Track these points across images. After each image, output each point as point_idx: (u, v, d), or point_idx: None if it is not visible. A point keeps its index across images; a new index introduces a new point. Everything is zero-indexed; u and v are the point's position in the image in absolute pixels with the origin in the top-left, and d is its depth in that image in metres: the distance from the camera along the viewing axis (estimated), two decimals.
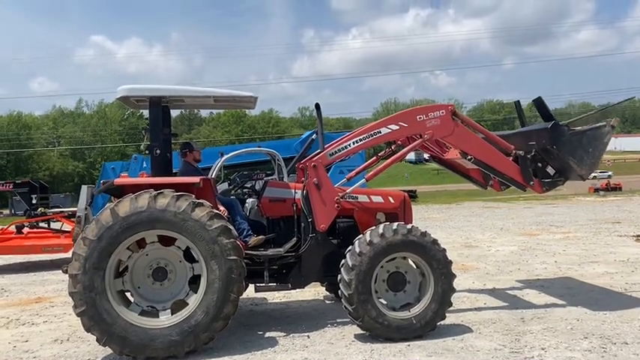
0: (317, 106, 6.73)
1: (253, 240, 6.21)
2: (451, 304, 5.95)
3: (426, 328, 5.79)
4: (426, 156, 8.30)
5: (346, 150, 6.45)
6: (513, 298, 7.65)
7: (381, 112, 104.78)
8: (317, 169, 6.27)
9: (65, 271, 5.44)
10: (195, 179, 5.82)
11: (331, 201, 6.25)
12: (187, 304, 5.53)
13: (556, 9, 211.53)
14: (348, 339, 5.89)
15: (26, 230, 12.71)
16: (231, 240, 5.46)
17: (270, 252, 6.22)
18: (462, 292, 7.82)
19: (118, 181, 6.01)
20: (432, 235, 5.96)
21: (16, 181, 15.66)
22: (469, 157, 6.65)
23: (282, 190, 6.68)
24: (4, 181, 15.79)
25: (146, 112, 6.33)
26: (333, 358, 5.31)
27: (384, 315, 5.71)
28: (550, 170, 6.84)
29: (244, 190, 7.57)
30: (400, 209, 6.80)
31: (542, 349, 5.35)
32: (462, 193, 43.25)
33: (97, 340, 5.33)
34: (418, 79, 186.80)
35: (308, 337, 6.02)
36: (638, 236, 13.66)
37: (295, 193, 6.51)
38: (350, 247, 5.88)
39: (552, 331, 5.92)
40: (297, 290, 6.95)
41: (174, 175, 6.51)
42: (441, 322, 5.94)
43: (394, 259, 5.89)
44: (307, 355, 5.44)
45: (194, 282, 5.62)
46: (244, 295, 6.39)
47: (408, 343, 5.64)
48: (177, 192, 5.47)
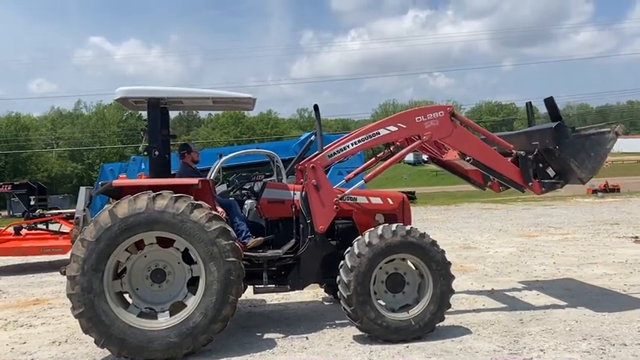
0: (315, 107, 6.73)
1: (252, 241, 6.20)
2: (450, 306, 5.95)
3: (425, 330, 5.79)
4: (424, 157, 8.30)
5: (345, 151, 6.45)
6: (512, 299, 7.65)
7: (379, 113, 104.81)
8: (316, 170, 6.27)
9: (63, 273, 5.43)
10: (194, 181, 5.82)
11: (330, 202, 6.25)
12: (186, 306, 5.52)
13: (554, 11, 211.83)
14: (347, 340, 5.88)
15: (24, 232, 12.69)
16: (230, 241, 5.45)
17: (269, 253, 6.22)
18: (460, 294, 7.82)
19: (117, 182, 6.01)
20: (430, 236, 5.96)
21: (15, 183, 15.64)
22: (468, 158, 6.66)
23: (281, 191, 6.67)
24: (2, 183, 15.77)
25: (145, 114, 6.33)
26: None
27: (382, 316, 5.71)
28: (550, 172, 6.84)
29: (243, 191, 7.57)
30: (399, 210, 6.80)
31: (541, 351, 5.35)
32: (460, 194, 43.27)
33: (95, 341, 5.32)
34: (417, 81, 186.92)
35: (307, 338, 6.02)
36: (636, 237, 13.66)
37: (294, 194, 6.51)
38: (349, 249, 5.88)
39: (551, 333, 5.92)
40: (296, 292, 6.96)
41: (172, 176, 6.52)
42: (440, 324, 5.94)
43: (393, 260, 5.89)
44: (306, 356, 5.43)
45: (192, 284, 5.62)
46: (243, 296, 6.38)
47: (406, 345, 5.64)
48: (176, 193, 5.47)
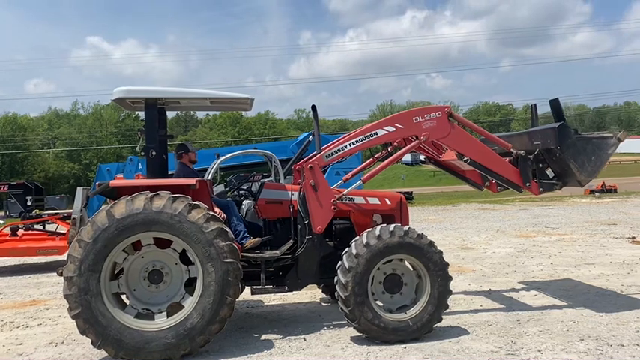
0: (313, 107, 6.73)
1: (249, 242, 6.19)
2: (447, 306, 5.95)
3: (423, 330, 5.79)
4: (422, 158, 8.30)
5: (343, 152, 6.45)
6: (509, 299, 7.66)
7: (377, 113, 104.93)
8: (313, 170, 6.26)
9: (60, 274, 5.41)
10: (192, 181, 5.81)
11: (328, 203, 6.24)
12: (183, 307, 5.51)
13: (552, 11, 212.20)
14: (345, 341, 5.88)
15: (21, 232, 12.65)
16: (228, 242, 5.44)
17: (267, 254, 6.21)
18: (458, 294, 7.82)
19: (114, 182, 5.99)
20: (428, 237, 5.96)
21: (11, 183, 15.64)
22: (465, 158, 6.66)
23: (279, 191, 6.67)
24: None
25: (142, 114, 6.32)
26: None
27: (380, 317, 5.71)
28: (549, 173, 6.85)
29: (240, 192, 7.55)
30: (397, 211, 6.80)
31: (539, 351, 5.35)
32: (458, 194, 43.32)
33: (92, 342, 5.31)
34: (415, 81, 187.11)
35: (304, 339, 6.01)
36: (633, 238, 13.69)
37: (292, 194, 6.51)
38: (347, 249, 5.87)
39: (548, 333, 5.93)
40: (294, 292, 6.96)
41: (169, 176, 6.50)
42: (438, 324, 5.94)
43: (391, 260, 5.89)
44: (303, 357, 5.42)
45: (190, 284, 5.61)
46: (240, 297, 6.37)
47: (404, 345, 5.64)
48: (174, 194, 5.46)
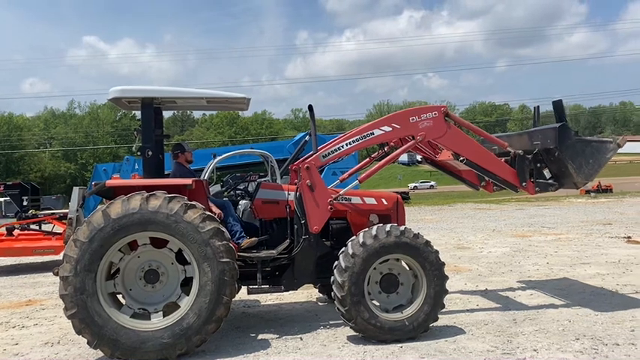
0: (310, 107, 6.73)
1: (246, 242, 6.19)
2: (444, 306, 5.96)
3: (419, 330, 5.80)
4: (418, 158, 8.32)
5: (339, 152, 6.45)
6: (505, 299, 7.68)
7: (374, 113, 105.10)
8: (310, 170, 6.26)
9: (56, 274, 5.40)
10: (188, 181, 5.81)
11: (324, 203, 6.25)
12: (179, 307, 5.50)
13: (549, 12, 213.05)
14: (341, 341, 5.88)
15: (17, 232, 12.62)
16: (224, 242, 5.44)
17: (263, 254, 6.21)
18: (454, 294, 7.84)
19: (110, 182, 5.97)
20: (424, 236, 5.97)
21: (7, 183, 15.57)
22: (461, 158, 6.68)
23: (275, 191, 6.66)
24: None
25: (138, 114, 6.30)
26: None
27: (376, 316, 5.71)
28: (546, 173, 6.86)
29: (237, 191, 7.56)
30: (393, 211, 6.80)
31: (534, 351, 5.37)
32: (454, 194, 43.41)
33: (88, 342, 5.30)
34: (411, 81, 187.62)
35: (301, 339, 6.01)
36: (629, 237, 13.74)
37: (288, 194, 6.50)
38: (343, 249, 5.87)
39: (544, 333, 5.94)
40: (290, 292, 6.96)
41: (166, 176, 6.49)
42: (434, 324, 5.95)
43: (387, 260, 5.89)
44: (300, 357, 5.42)
45: (186, 284, 5.60)
46: (237, 297, 6.37)
47: (400, 345, 5.64)
48: (170, 194, 5.45)
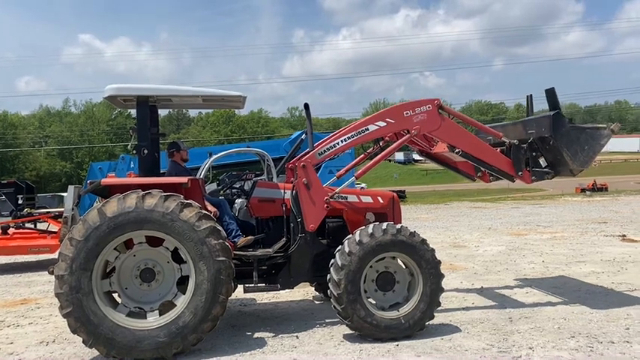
0: (306, 106, 6.72)
1: (242, 240, 6.18)
2: (440, 304, 5.97)
3: (415, 328, 5.81)
4: (415, 156, 8.34)
5: (335, 149, 6.45)
6: (501, 297, 7.70)
7: (370, 112, 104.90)
8: (306, 168, 6.26)
9: (51, 272, 5.38)
10: (184, 179, 5.79)
11: (321, 201, 6.24)
12: (175, 306, 5.49)
13: (545, 11, 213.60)
14: (337, 339, 5.88)
15: (12, 231, 12.56)
16: (220, 241, 5.43)
17: (259, 252, 6.20)
18: (450, 292, 7.85)
19: (106, 181, 5.96)
20: (420, 235, 5.97)
21: (2, 182, 15.52)
22: (457, 150, 6.69)
23: (272, 190, 6.66)
24: None
25: (134, 112, 6.28)
26: (322, 359, 5.31)
27: (372, 315, 5.72)
28: (542, 162, 6.87)
29: (233, 190, 7.53)
30: (389, 209, 6.81)
31: (530, 349, 5.38)
32: (450, 193, 43.50)
33: (83, 341, 5.28)
34: (408, 80, 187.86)
35: (297, 337, 6.01)
36: (624, 236, 13.80)
37: (284, 193, 6.50)
38: (339, 247, 5.88)
39: (540, 331, 5.96)
40: (286, 290, 6.95)
41: (162, 175, 6.47)
42: (430, 322, 5.96)
43: (383, 258, 5.90)
44: (296, 355, 5.42)
45: (182, 283, 5.59)
46: (233, 295, 6.36)
47: (396, 343, 5.65)
48: (166, 192, 5.44)
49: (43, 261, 12.60)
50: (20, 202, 13.99)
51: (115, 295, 5.70)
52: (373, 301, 5.93)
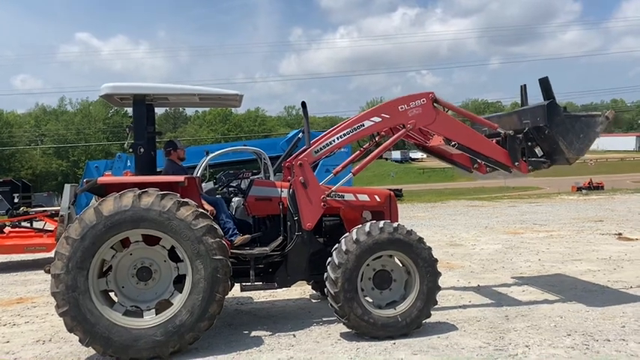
0: (303, 104, 6.72)
1: (239, 239, 6.18)
2: (436, 302, 5.98)
3: (412, 326, 5.82)
4: (412, 155, 8.34)
5: (331, 146, 6.45)
6: (498, 295, 7.72)
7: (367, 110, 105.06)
8: (303, 167, 6.26)
9: (48, 271, 5.37)
10: (180, 178, 5.78)
11: (317, 199, 6.24)
12: (172, 304, 5.48)
13: (542, 10, 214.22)
14: (334, 337, 5.89)
15: (8, 230, 12.53)
16: (217, 239, 5.43)
17: (256, 251, 6.20)
18: (447, 290, 7.87)
19: (102, 179, 5.94)
20: (417, 233, 5.98)
21: None
22: (453, 143, 6.70)
23: (268, 188, 6.66)
24: None
25: (130, 111, 6.27)
26: (319, 357, 5.31)
27: (369, 313, 5.72)
28: (538, 151, 6.88)
29: (230, 189, 7.52)
30: (386, 207, 6.82)
31: (526, 347, 5.40)
32: (447, 191, 43.56)
33: (79, 340, 5.28)
34: (405, 79, 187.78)
35: (294, 335, 6.01)
36: (620, 234, 13.84)
37: (281, 191, 6.50)
38: (336, 246, 5.88)
39: (536, 329, 5.98)
40: (283, 289, 6.96)
41: (158, 173, 6.46)
42: (427, 320, 5.97)
43: (380, 257, 5.91)
44: (293, 354, 5.43)
45: (179, 282, 5.58)
46: (230, 294, 6.34)
47: (393, 341, 5.66)
48: (162, 191, 5.43)
49: (39, 260, 12.56)
50: (16, 200, 13.92)
51: (112, 293, 5.70)
52: (370, 300, 5.94)
